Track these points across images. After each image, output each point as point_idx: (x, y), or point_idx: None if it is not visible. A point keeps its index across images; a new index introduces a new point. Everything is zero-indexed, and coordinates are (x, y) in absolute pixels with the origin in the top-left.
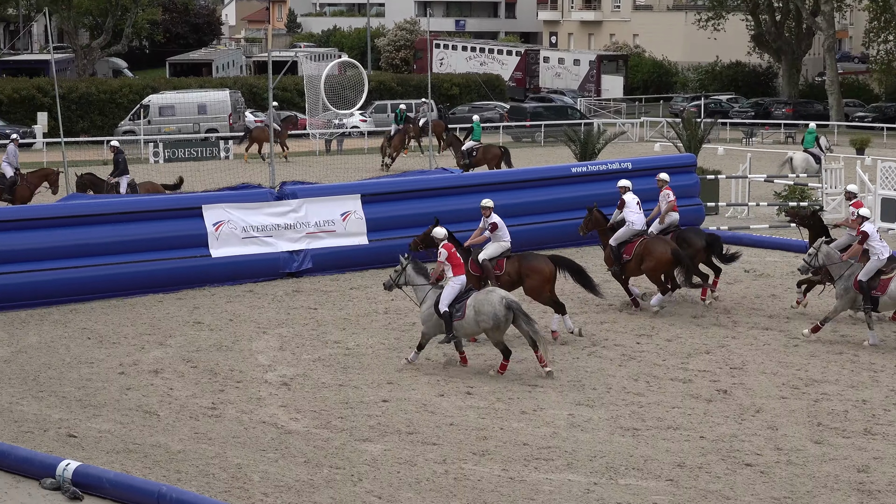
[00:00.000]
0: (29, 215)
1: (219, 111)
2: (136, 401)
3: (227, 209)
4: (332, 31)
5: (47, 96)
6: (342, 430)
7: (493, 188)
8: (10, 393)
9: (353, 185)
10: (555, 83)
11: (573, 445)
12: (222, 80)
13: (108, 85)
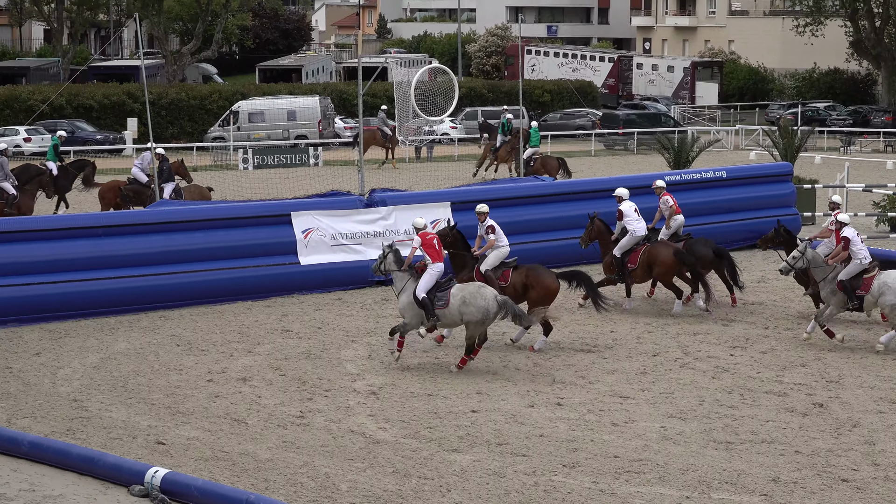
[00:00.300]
0: (118, 221)
1: (308, 117)
2: (224, 408)
3: (316, 216)
4: (422, 37)
5: (137, 102)
6: (431, 440)
7: (586, 196)
8: (100, 399)
9: (442, 193)
10: (648, 90)
11: (665, 458)
12: (312, 87)
13: (197, 91)
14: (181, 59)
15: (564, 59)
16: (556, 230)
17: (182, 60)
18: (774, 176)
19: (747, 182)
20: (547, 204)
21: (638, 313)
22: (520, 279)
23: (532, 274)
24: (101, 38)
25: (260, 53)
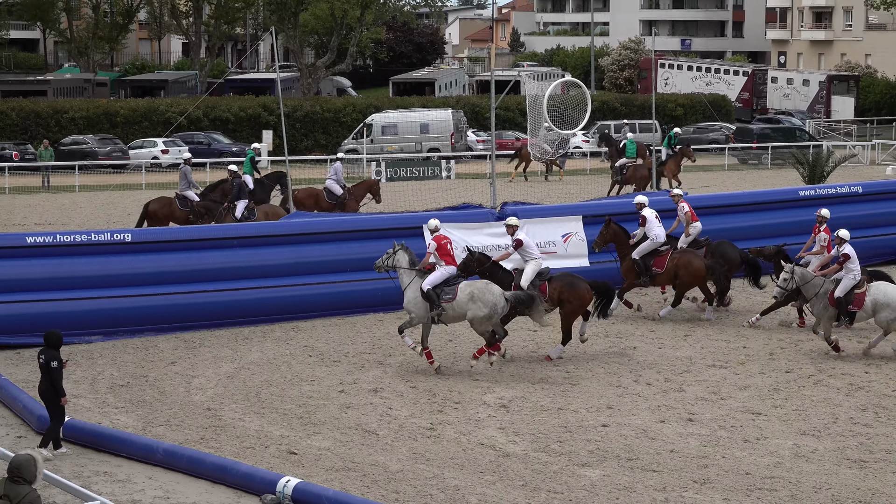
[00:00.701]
0: (252, 233)
1: (441, 130)
2: (355, 419)
3: (448, 229)
4: (555, 51)
5: (272, 115)
6: (561, 454)
7: (717, 211)
8: (234, 409)
9: (574, 207)
10: (783, 104)
11: (797, 476)
12: (445, 100)
13: (331, 104)
14: (316, 72)
15: (698, 73)
16: None
17: (317, 73)
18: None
19: (883, 197)
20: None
21: (770, 329)
22: (555, 291)
23: (567, 287)
24: (237, 52)
25: (393, 66)
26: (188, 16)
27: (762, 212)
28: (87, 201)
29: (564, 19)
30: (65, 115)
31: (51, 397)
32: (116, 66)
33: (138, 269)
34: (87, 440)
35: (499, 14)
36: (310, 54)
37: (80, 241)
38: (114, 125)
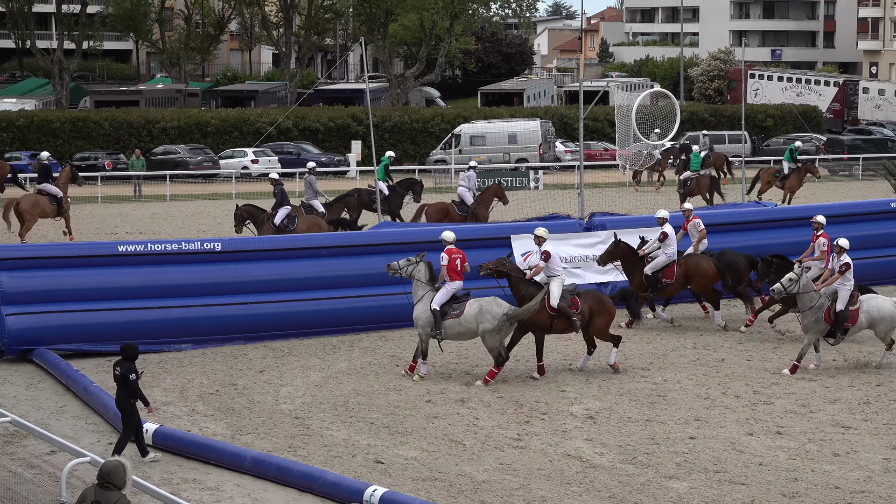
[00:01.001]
0: (341, 242)
1: (529, 141)
2: (442, 429)
3: None
4: (644, 61)
5: (361, 125)
6: (648, 465)
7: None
8: (321, 418)
9: None
10: (874, 115)
11: (888, 491)
12: (533, 110)
13: (420, 114)
14: (405, 83)
15: (788, 84)
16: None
17: (406, 84)
18: None
19: None
20: (763, 230)
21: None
22: (586, 306)
23: (595, 300)
24: (327, 62)
25: (482, 77)
26: (279, 27)
27: (852, 223)
28: (177, 210)
29: (653, 30)
30: (156, 125)
31: (126, 408)
32: (207, 76)
33: (228, 278)
34: (176, 447)
35: (588, 24)
36: (399, 65)
37: (171, 249)
38: (204, 135)
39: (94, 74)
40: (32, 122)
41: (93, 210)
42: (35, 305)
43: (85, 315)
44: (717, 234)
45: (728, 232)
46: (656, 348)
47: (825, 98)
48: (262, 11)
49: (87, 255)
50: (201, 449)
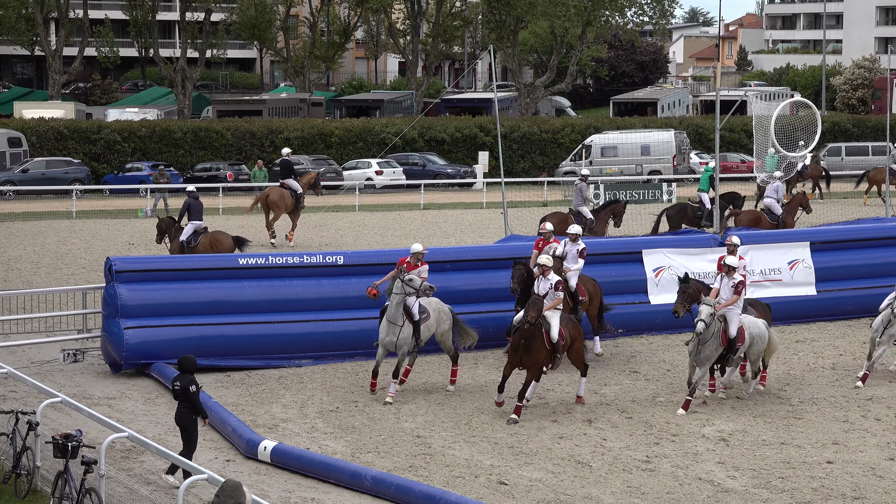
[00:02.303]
0: (465, 257)
1: (663, 152)
2: (568, 450)
3: (668, 254)
4: (784, 69)
5: (489, 135)
6: (783, 490)
7: None
8: (443, 436)
9: (802, 232)
10: None
11: None
12: (667, 120)
13: (550, 124)
14: (534, 92)
15: None
16: None
17: (535, 93)
18: None
19: None
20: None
21: None
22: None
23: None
24: (454, 71)
25: (614, 86)
26: (405, 34)
27: None
28: (300, 222)
29: (795, 37)
30: (280, 135)
31: (186, 424)
32: (332, 85)
33: (350, 293)
34: (295, 465)
35: (726, 31)
36: (528, 73)
37: (292, 262)
38: (328, 145)
39: (217, 83)
40: (154, 132)
41: (213, 222)
42: (154, 319)
43: (204, 329)
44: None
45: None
46: (792, 368)
47: None
48: (388, 19)
49: (208, 269)
50: (320, 467)
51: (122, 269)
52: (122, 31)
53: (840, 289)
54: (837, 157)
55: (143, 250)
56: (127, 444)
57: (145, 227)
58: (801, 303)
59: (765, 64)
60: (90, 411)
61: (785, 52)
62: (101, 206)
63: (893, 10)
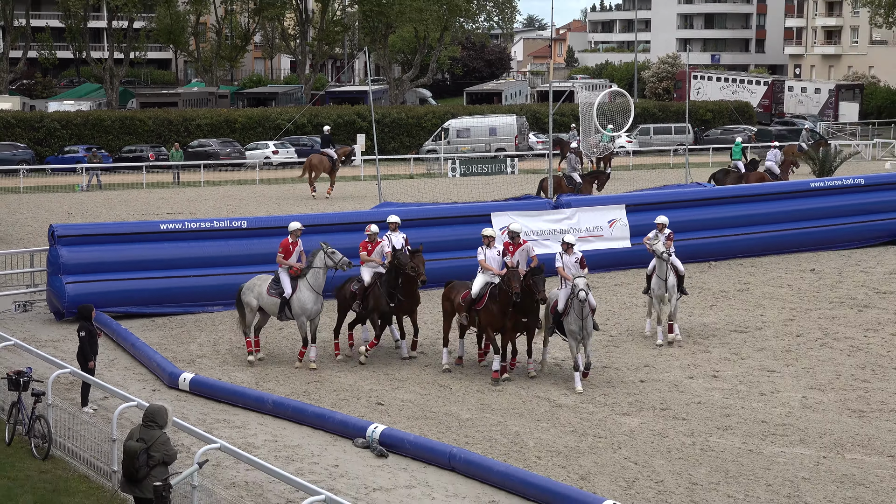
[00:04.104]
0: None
1: (507, 133)
2: (432, 376)
3: (511, 216)
4: (604, 65)
5: (365, 121)
6: (605, 405)
7: (741, 200)
8: (331, 367)
9: (619, 197)
10: (797, 109)
11: (805, 424)
12: (510, 107)
13: (414, 111)
14: (402, 85)
15: (725, 83)
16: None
17: (402, 86)
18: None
19: (883, 188)
20: (702, 207)
21: (783, 299)
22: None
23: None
24: (336, 68)
25: (467, 80)
26: (296, 38)
27: (777, 201)
28: (210, 194)
29: (612, 38)
30: (192, 122)
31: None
32: (235, 80)
33: (253, 251)
34: (209, 393)
35: (557, 34)
36: (397, 70)
37: (204, 227)
38: (233, 130)
39: (140, 80)
40: (87, 121)
41: (138, 195)
42: (90, 275)
43: (132, 283)
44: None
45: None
46: (612, 306)
47: (756, 95)
48: (281, 25)
49: (134, 233)
50: (230, 394)
51: (63, 234)
52: (60, 37)
53: None
54: (647, 136)
55: (80, 218)
56: (70, 379)
57: (82, 199)
58: (618, 254)
59: (588, 61)
60: (38, 352)
61: (604, 51)
62: (44, 183)
63: (690, 17)
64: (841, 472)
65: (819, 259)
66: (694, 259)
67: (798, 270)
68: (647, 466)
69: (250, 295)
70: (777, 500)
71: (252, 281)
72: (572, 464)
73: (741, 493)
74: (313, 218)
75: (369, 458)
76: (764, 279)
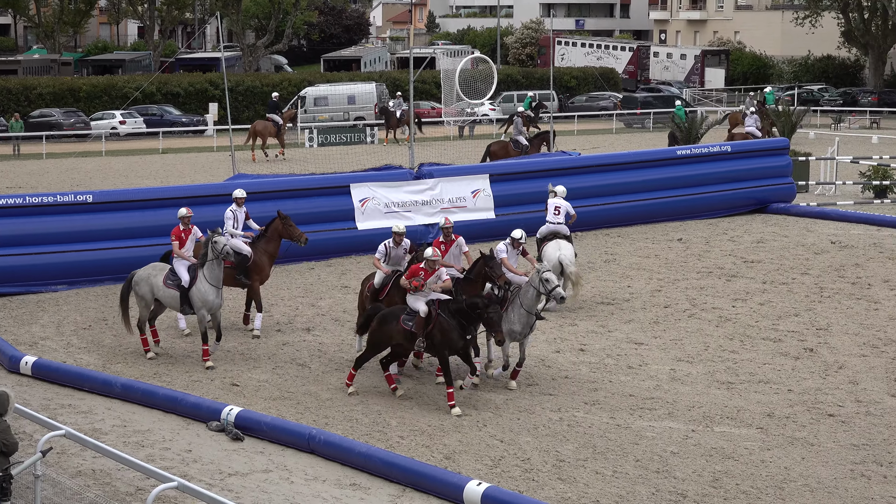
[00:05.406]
0: (200, 193)
1: (366, 102)
2: (290, 354)
3: (371, 187)
4: (466, 31)
5: (218, 89)
6: (471, 382)
7: (607, 169)
8: (183, 348)
9: (482, 167)
10: (663, 75)
11: (674, 397)
12: (369, 75)
13: (270, 79)
14: (256, 52)
15: (590, 49)
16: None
17: (257, 52)
18: (773, 150)
19: (749, 155)
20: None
21: (651, 269)
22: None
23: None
24: (187, 34)
25: (324, 46)
26: (143, 2)
27: (644, 169)
28: (53, 167)
29: (474, 2)
30: (33, 91)
31: None
32: (80, 47)
33: (99, 226)
34: (53, 377)
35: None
36: (251, 36)
37: (47, 202)
38: (77, 100)
39: None
40: None
41: None
42: None
43: None
44: (528, 181)
45: (536, 178)
46: None
47: (621, 61)
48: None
49: None
50: (76, 377)
51: None
52: None
53: (513, 213)
54: (511, 104)
55: None
56: None
57: None
58: (482, 225)
59: (450, 26)
60: None
61: (467, 16)
62: None
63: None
64: (710, 445)
65: (686, 228)
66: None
67: (665, 240)
68: (513, 444)
69: (144, 287)
70: (646, 475)
71: (145, 270)
72: (436, 443)
73: (609, 469)
74: (162, 191)
75: (224, 441)
76: (631, 249)
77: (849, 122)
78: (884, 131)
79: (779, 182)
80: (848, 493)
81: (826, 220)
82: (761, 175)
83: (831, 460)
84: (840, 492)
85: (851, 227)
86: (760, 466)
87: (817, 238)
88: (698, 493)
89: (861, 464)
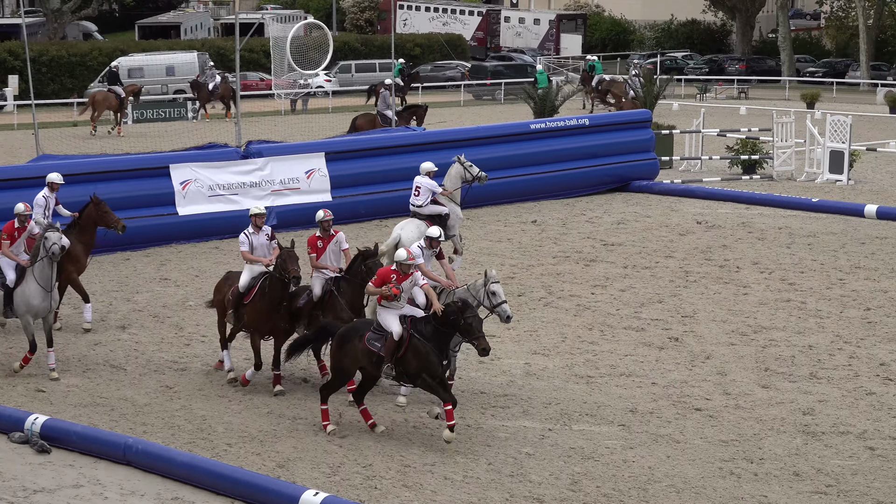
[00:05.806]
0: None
1: (187, 73)
2: (103, 356)
3: (194, 168)
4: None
5: (18, 59)
6: (306, 384)
7: (454, 145)
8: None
9: (317, 144)
10: (515, 42)
11: (529, 393)
12: (190, 43)
13: (77, 48)
14: (62, 17)
15: (435, 14)
16: None
17: (63, 18)
18: (634, 123)
19: (609, 129)
20: (411, 153)
21: (504, 255)
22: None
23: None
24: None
25: (139, 11)
26: None
27: (494, 145)
28: None
29: None
30: None
31: None
32: None
33: None
34: None
35: None
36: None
37: None
38: None
39: None
40: None
41: None
42: None
43: None
44: (368, 159)
45: (376, 156)
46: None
47: (469, 27)
48: None
49: None
50: None
51: None
52: None
53: (353, 194)
54: (348, 74)
55: None
56: None
57: None
58: (318, 208)
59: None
60: None
61: None
62: None
63: None
64: (568, 445)
65: (541, 209)
66: (396, 213)
67: (518, 222)
68: (353, 449)
69: None
70: (499, 479)
71: None
72: (268, 450)
73: (459, 473)
74: None
75: (29, 454)
76: (481, 233)
77: (715, 92)
78: (752, 101)
79: (640, 158)
80: (716, 493)
81: (691, 198)
82: (622, 150)
83: (699, 458)
84: (708, 492)
85: (718, 206)
86: (623, 467)
87: (682, 218)
88: (556, 497)
89: (730, 461)
